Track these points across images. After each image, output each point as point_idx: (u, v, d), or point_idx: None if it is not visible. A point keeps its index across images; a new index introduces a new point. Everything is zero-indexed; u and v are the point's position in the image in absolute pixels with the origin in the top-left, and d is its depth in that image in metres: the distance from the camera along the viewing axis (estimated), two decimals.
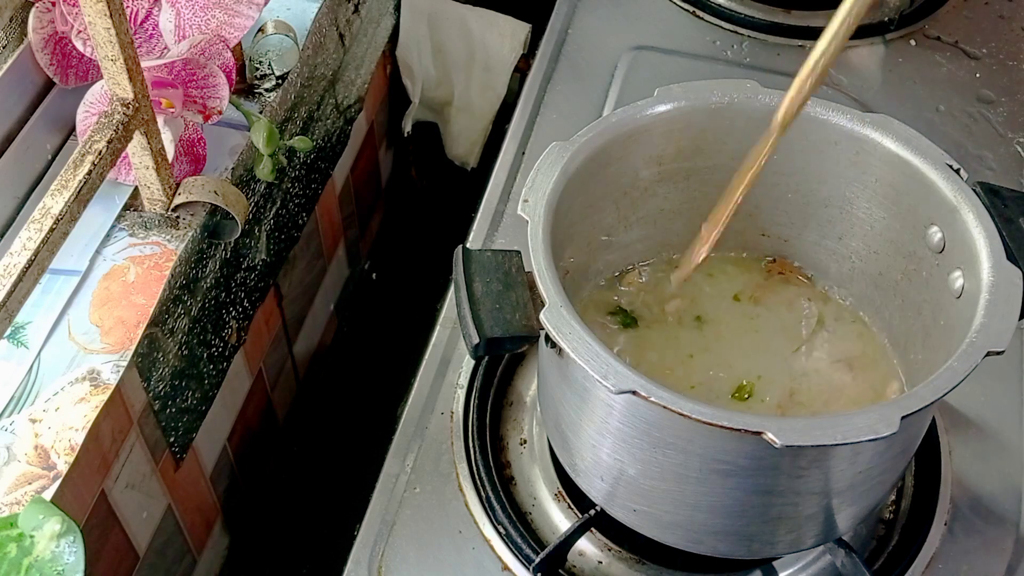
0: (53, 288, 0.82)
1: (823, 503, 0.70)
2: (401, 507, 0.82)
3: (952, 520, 0.82)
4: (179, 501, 0.94)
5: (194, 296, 0.90)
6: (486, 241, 1.00)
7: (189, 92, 0.88)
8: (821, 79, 0.68)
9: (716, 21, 1.21)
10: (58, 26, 0.85)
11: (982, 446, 0.87)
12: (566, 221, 0.74)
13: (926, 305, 0.76)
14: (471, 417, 0.87)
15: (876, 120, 0.76)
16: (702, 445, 0.64)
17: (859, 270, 0.83)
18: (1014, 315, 0.66)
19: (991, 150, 1.08)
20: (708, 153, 0.81)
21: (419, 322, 1.00)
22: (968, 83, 1.15)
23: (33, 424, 0.75)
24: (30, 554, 0.66)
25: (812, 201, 0.82)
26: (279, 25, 1.01)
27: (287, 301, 1.14)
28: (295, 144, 0.97)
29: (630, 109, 0.77)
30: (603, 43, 1.18)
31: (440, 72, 1.36)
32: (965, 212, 0.71)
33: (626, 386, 0.61)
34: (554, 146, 0.74)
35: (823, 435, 0.60)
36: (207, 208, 0.89)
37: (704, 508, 0.69)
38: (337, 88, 1.16)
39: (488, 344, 0.65)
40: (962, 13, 1.23)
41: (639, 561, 0.80)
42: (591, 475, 0.74)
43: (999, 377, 0.90)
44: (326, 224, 1.23)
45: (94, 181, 0.78)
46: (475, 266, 0.68)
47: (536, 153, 0.98)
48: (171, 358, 0.87)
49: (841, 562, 0.77)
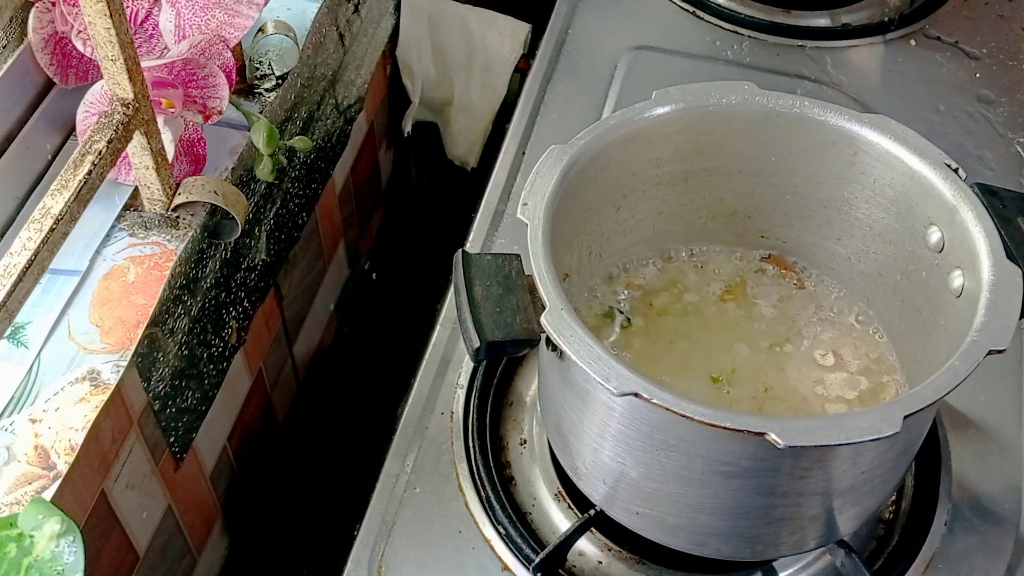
0: (53, 288, 0.82)
1: (826, 504, 0.70)
2: (401, 507, 0.82)
3: (952, 520, 0.82)
4: (179, 501, 0.94)
5: (194, 296, 0.90)
6: (486, 241, 0.99)
7: (189, 92, 0.88)
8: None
9: (716, 21, 1.21)
10: (58, 26, 0.85)
11: (982, 446, 0.87)
12: (565, 224, 0.74)
13: (926, 305, 0.76)
14: (471, 417, 0.87)
15: (874, 120, 0.77)
16: (704, 447, 0.64)
17: (858, 270, 0.83)
18: (1015, 314, 0.66)
19: (991, 150, 1.08)
20: (706, 155, 0.81)
21: (419, 322, 1.00)
22: (968, 83, 1.15)
23: (33, 424, 0.75)
24: (30, 554, 0.66)
25: (811, 202, 0.82)
26: (279, 25, 1.01)
27: (287, 301, 1.14)
28: (295, 144, 0.97)
29: (628, 112, 0.77)
30: (603, 43, 1.18)
31: (440, 72, 1.36)
32: (964, 211, 0.71)
33: (628, 388, 0.61)
34: (553, 149, 0.74)
35: (826, 435, 0.60)
36: (207, 208, 0.88)
37: (707, 510, 0.69)
38: (337, 88, 1.16)
39: (489, 348, 0.64)
40: (962, 13, 1.23)
41: (639, 561, 0.80)
42: (592, 478, 0.74)
43: (999, 377, 0.90)
44: (326, 224, 1.22)
45: (94, 181, 0.78)
46: (475, 270, 0.68)
47: (536, 153, 0.99)
48: (171, 358, 0.87)
49: (841, 562, 0.77)
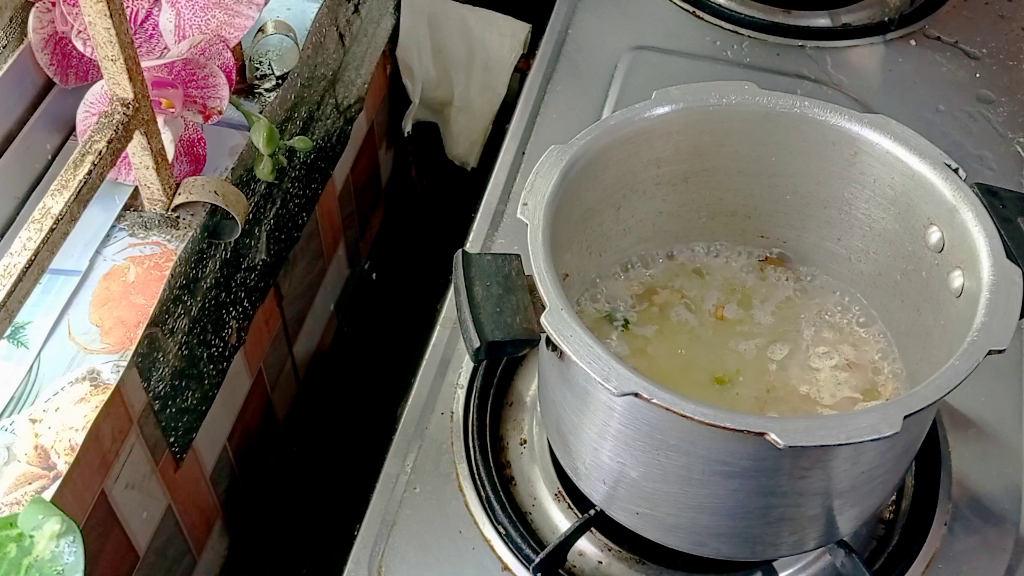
0: (53, 288, 0.82)
1: (826, 504, 0.70)
2: (401, 507, 0.82)
3: (952, 520, 0.82)
4: (179, 501, 0.94)
5: (194, 296, 0.90)
6: (486, 241, 0.99)
7: (189, 92, 0.88)
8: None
9: (716, 21, 1.21)
10: (58, 26, 0.85)
11: (982, 446, 0.87)
12: (565, 224, 0.74)
13: (926, 305, 0.76)
14: (471, 417, 0.87)
15: (874, 120, 0.76)
16: (704, 447, 0.64)
17: (858, 270, 0.83)
18: (1015, 313, 0.66)
19: (991, 150, 1.08)
20: (706, 155, 0.81)
21: (419, 322, 1.00)
22: (968, 83, 1.15)
23: (33, 424, 0.75)
24: (30, 554, 0.66)
25: (811, 202, 0.82)
26: (279, 25, 1.01)
27: (287, 301, 1.14)
28: (295, 144, 0.97)
29: (628, 112, 0.77)
30: (603, 43, 1.18)
31: (440, 72, 1.36)
32: (964, 211, 0.71)
33: (628, 388, 0.61)
34: (553, 149, 0.74)
35: (826, 435, 0.60)
36: (207, 208, 0.88)
37: (707, 510, 0.69)
38: (337, 88, 1.16)
39: (489, 348, 0.64)
40: (962, 13, 1.23)
41: (639, 561, 0.80)
42: (593, 478, 0.74)
43: (999, 377, 0.90)
44: (326, 224, 1.22)
45: (94, 181, 0.78)
46: (475, 270, 0.67)
47: (536, 153, 0.99)
48: (171, 358, 0.87)
49: (841, 562, 0.77)
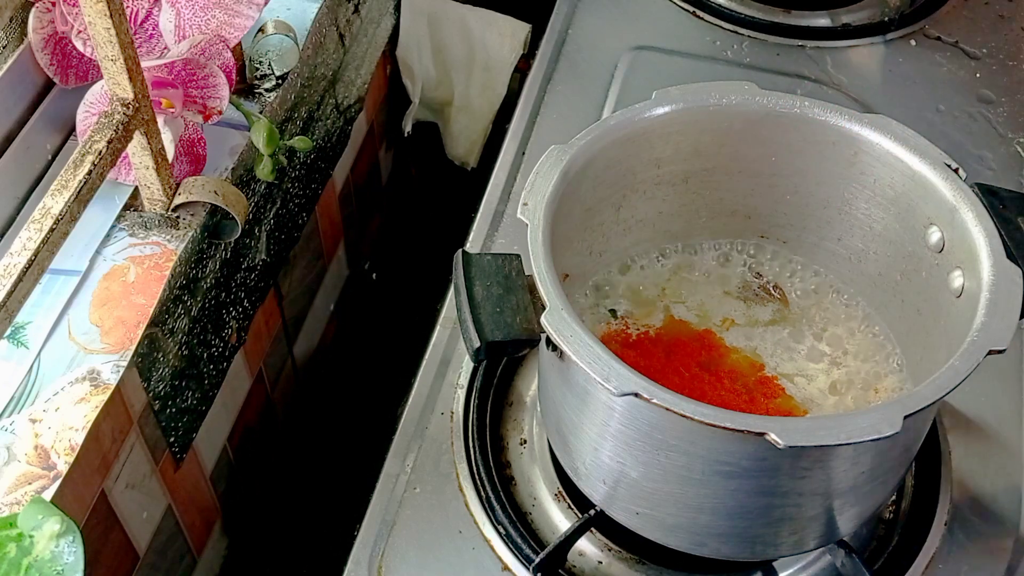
0: (53, 288, 0.82)
1: (826, 504, 0.70)
2: (401, 507, 0.82)
3: (952, 520, 0.82)
4: (179, 501, 0.94)
5: (194, 296, 0.90)
6: (486, 241, 0.99)
7: (189, 92, 0.88)
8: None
9: (716, 21, 1.21)
10: (58, 26, 0.85)
11: (982, 446, 0.87)
12: (565, 224, 0.74)
13: (926, 305, 0.76)
14: (471, 417, 0.87)
15: (874, 120, 0.76)
16: (704, 447, 0.64)
17: (858, 270, 0.83)
18: (1015, 313, 0.66)
19: (991, 150, 1.08)
20: (706, 155, 0.81)
21: (419, 322, 1.00)
22: (968, 83, 1.15)
23: (33, 424, 0.75)
24: (30, 554, 0.66)
25: (811, 202, 0.82)
26: (279, 25, 1.01)
27: (287, 301, 1.14)
28: (295, 144, 0.97)
29: (628, 112, 0.77)
30: (603, 43, 1.18)
31: (440, 72, 1.36)
32: (964, 211, 0.71)
33: (628, 388, 0.61)
34: (553, 149, 0.74)
35: (826, 435, 0.60)
36: (207, 208, 0.88)
37: (707, 510, 0.69)
38: (337, 88, 1.16)
39: (489, 348, 0.64)
40: (962, 13, 1.23)
41: (639, 561, 0.80)
42: (593, 478, 0.74)
43: (999, 377, 0.90)
44: (326, 224, 1.22)
45: (94, 181, 0.78)
46: (475, 270, 0.67)
47: (536, 153, 0.99)
48: (171, 358, 0.87)
49: (841, 562, 0.77)
